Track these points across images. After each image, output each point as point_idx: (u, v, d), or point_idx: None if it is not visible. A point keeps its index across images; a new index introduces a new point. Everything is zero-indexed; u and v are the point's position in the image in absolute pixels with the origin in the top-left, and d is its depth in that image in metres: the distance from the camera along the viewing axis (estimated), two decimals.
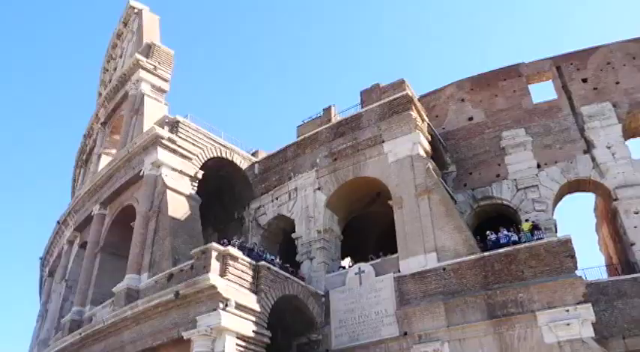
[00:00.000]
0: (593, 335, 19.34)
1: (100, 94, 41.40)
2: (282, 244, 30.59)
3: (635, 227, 25.42)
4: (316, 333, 24.12)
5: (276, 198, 30.12)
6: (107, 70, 42.25)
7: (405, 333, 22.23)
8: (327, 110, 33.15)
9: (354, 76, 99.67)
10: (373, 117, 28.18)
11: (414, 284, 23.11)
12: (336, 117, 32.15)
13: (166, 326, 21.30)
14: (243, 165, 31.59)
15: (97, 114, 38.30)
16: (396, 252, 24.66)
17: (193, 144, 29.07)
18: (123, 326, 22.84)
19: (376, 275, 24.37)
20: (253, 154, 33.61)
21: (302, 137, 31.05)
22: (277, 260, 24.94)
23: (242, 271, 21.47)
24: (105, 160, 34.43)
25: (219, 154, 30.40)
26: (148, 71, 33.28)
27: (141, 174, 27.75)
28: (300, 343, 24.45)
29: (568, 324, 19.47)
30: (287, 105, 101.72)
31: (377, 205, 29.03)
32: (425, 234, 24.03)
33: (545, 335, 19.75)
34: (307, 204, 28.25)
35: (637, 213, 25.71)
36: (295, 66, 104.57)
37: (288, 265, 25.19)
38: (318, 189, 28.33)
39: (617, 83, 29.93)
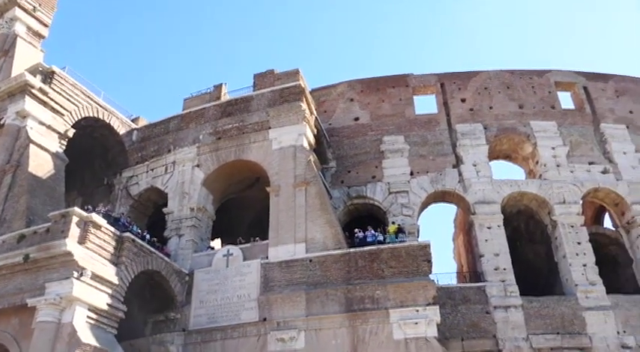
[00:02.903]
0: (437, 335, 20.89)
1: None
2: (151, 217, 29.51)
3: (486, 240, 27.84)
4: (175, 312, 23.58)
5: (152, 170, 28.92)
6: None
7: (265, 319, 22.50)
8: (218, 87, 32.32)
9: (250, 59, 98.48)
10: (263, 102, 28.10)
11: (280, 272, 23.44)
12: (225, 96, 31.52)
13: (9, 290, 19.67)
14: (121, 130, 29.92)
15: None
16: (266, 238, 24.82)
17: (68, 100, 26.97)
18: None
19: (244, 260, 24.36)
20: (133, 120, 31.95)
21: (188, 111, 30.08)
22: (146, 234, 23.96)
23: (104, 241, 20.43)
24: None
25: (95, 114, 28.53)
26: (26, 11, 30.28)
27: (2, 122, 25.28)
28: (156, 320, 23.77)
29: (416, 323, 20.87)
30: (176, 76, 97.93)
31: (254, 190, 29.01)
32: (297, 224, 24.44)
33: (394, 332, 20.99)
34: (184, 179, 27.48)
35: (489, 228, 28.16)
36: (191, 37, 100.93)
37: (154, 239, 24.32)
38: (197, 166, 27.68)
39: (491, 108, 32.56)
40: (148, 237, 23.88)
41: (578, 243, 27.64)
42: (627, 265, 29.32)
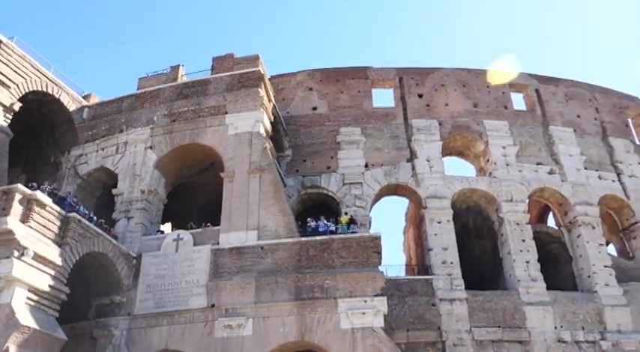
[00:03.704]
0: (383, 325, 21.24)
1: None
2: (99, 198, 28.69)
3: (436, 234, 28.43)
4: (120, 295, 23.07)
5: (102, 149, 28.08)
6: None
7: (213, 305, 22.33)
8: (175, 69, 31.60)
9: (209, 42, 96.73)
10: (221, 86, 27.72)
11: (231, 259, 23.27)
12: (183, 77, 30.87)
13: None
14: (71, 106, 28.86)
15: None
16: (218, 224, 24.57)
17: (15, 72, 25.68)
18: None
19: (194, 245, 24.05)
20: (85, 97, 30.87)
21: (142, 90, 29.33)
22: (93, 216, 23.26)
23: (48, 220, 19.72)
24: None
25: (44, 89, 27.35)
26: None
27: None
28: (101, 303, 23.22)
29: (363, 313, 21.17)
30: (132, 54, 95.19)
31: (208, 175, 28.62)
32: (250, 211, 24.30)
33: (342, 321, 21.23)
34: (136, 161, 26.82)
35: (439, 223, 28.76)
36: (149, 15, 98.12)
37: (102, 221, 23.67)
38: (150, 147, 27.08)
39: (446, 105, 33.15)
40: (95, 218, 23.22)
41: (523, 241, 28.59)
42: (567, 263, 30.54)
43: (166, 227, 30.43)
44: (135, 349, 22.21)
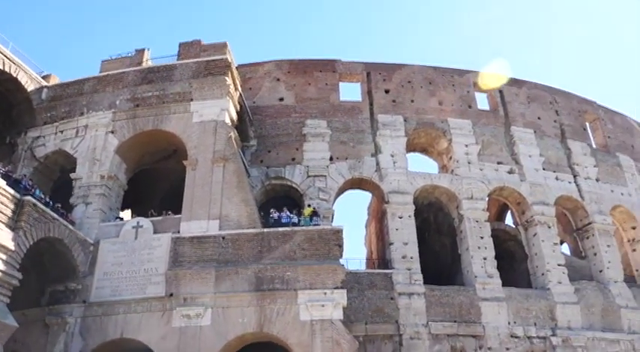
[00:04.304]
0: (342, 317, 21.37)
1: None
2: (56, 182, 27.91)
3: (397, 229, 28.73)
4: (76, 282, 22.49)
5: (61, 132, 27.26)
6: None
7: (171, 294, 22.01)
8: (140, 52, 30.88)
9: (176, 27, 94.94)
10: (187, 72, 27.26)
11: (191, 248, 22.99)
12: (147, 62, 30.21)
13: None
14: (30, 86, 27.91)
15: None
16: (179, 212, 24.22)
17: None
18: None
19: (154, 232, 23.66)
20: (44, 77, 29.87)
21: (105, 73, 28.59)
22: (49, 200, 22.55)
23: (1, 203, 19.01)
24: None
25: (0, 67, 26.37)
26: None
27: None
28: (55, 290, 22.59)
29: (323, 305, 21.24)
30: (96, 36, 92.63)
31: (171, 162, 28.19)
32: (212, 200, 24.04)
33: (301, 313, 21.26)
34: (96, 145, 26.15)
35: (401, 218, 29.07)
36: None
37: (59, 206, 23.00)
38: (112, 132, 26.45)
39: (412, 101, 33.43)
40: (51, 202, 22.52)
41: (481, 238, 29.19)
42: (523, 260, 31.37)
43: (126, 214, 29.93)
44: (89, 337, 21.78)
